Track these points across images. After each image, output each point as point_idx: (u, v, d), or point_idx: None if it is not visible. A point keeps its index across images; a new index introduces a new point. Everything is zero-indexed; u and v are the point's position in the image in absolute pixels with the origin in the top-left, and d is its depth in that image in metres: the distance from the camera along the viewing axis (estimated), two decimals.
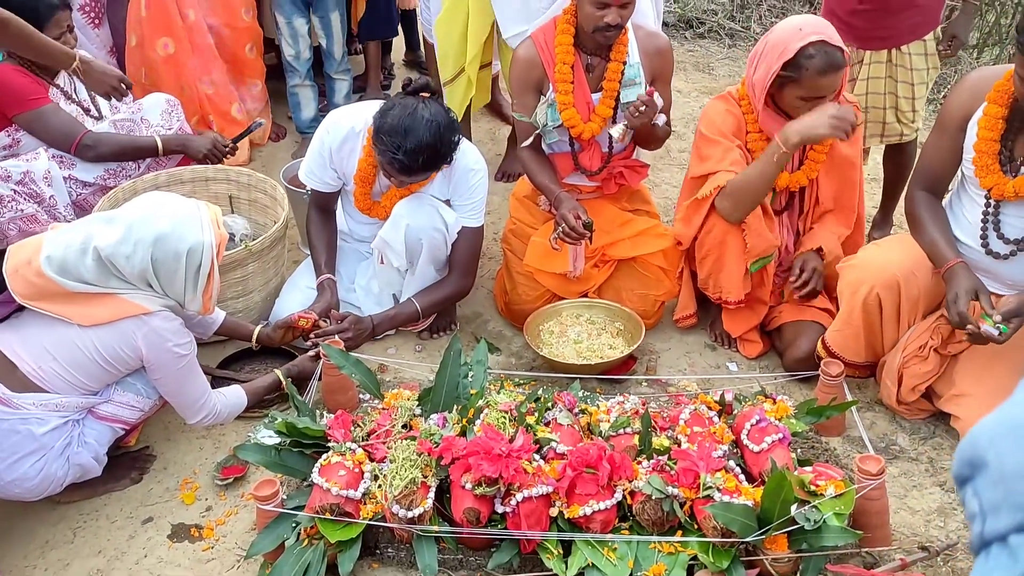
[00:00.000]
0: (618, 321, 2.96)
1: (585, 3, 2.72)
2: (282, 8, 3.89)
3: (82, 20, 3.74)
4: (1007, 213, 2.41)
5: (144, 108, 3.28)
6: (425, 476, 2.15)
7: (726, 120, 2.80)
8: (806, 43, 2.52)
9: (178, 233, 2.19)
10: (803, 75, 2.55)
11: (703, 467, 2.09)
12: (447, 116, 2.61)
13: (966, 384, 2.47)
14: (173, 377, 2.29)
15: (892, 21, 3.05)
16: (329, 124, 2.85)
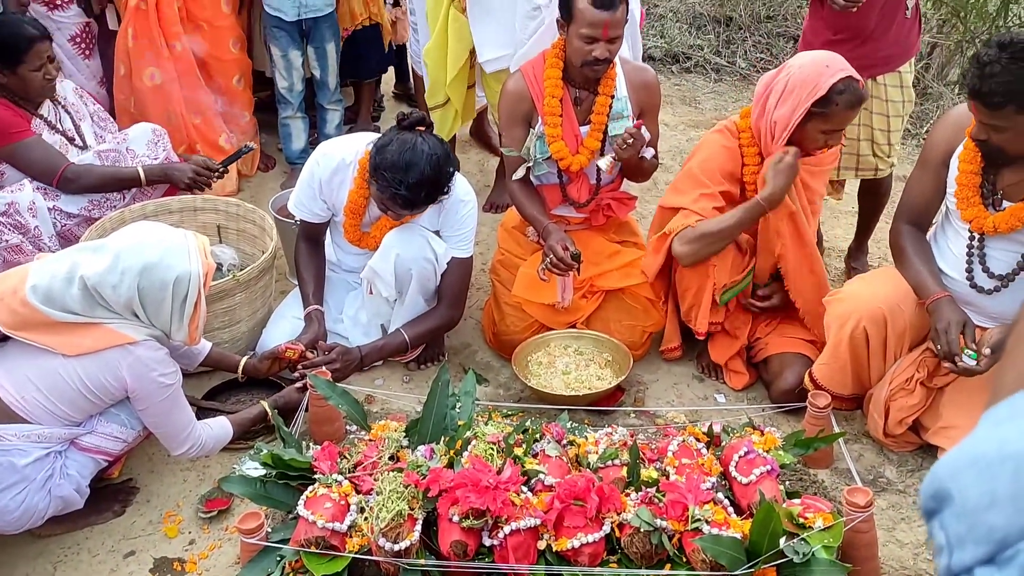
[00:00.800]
0: (606, 352, 2.96)
1: (574, 38, 2.76)
2: (278, 41, 3.91)
3: (73, 51, 3.75)
4: (992, 247, 2.44)
5: (130, 138, 3.28)
6: (412, 508, 2.13)
7: (720, 156, 2.80)
8: (836, 80, 2.56)
9: (165, 263, 2.18)
10: (832, 110, 2.57)
11: (691, 499, 2.08)
12: (444, 148, 2.63)
13: (952, 416, 2.48)
14: (158, 408, 2.27)
15: (866, 51, 3.07)
16: (319, 155, 2.86)
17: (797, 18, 5.94)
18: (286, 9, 3.82)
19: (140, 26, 3.71)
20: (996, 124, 2.20)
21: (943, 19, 5.49)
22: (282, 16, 3.83)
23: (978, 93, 2.18)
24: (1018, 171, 2.36)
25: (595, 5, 2.68)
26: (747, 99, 5.29)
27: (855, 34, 3.09)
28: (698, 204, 2.77)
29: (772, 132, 2.68)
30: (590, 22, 2.70)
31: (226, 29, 3.90)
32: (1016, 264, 2.40)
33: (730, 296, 2.83)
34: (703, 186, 2.79)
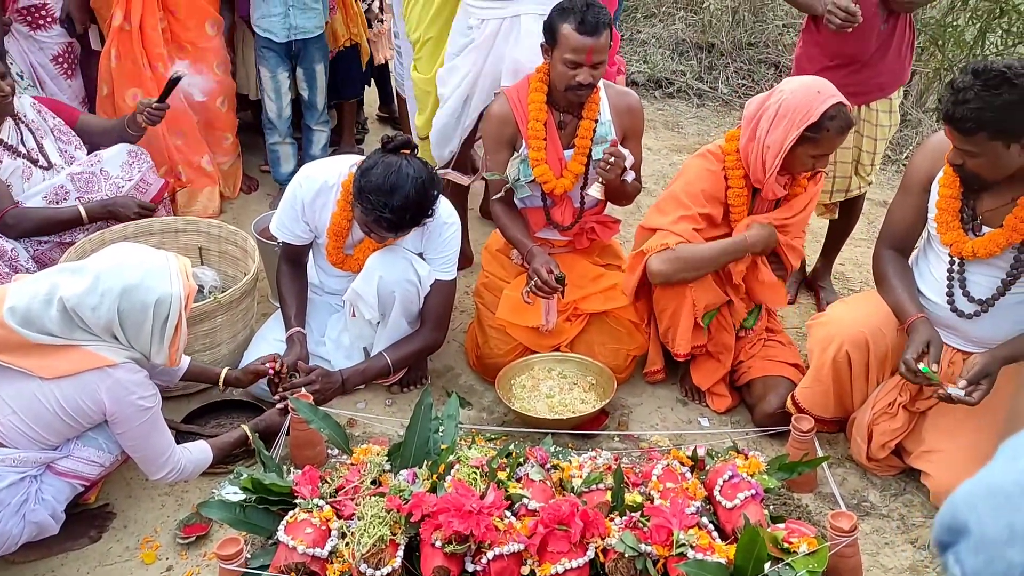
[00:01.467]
0: (590, 375, 2.96)
1: (557, 63, 2.77)
2: (267, 61, 3.91)
3: (55, 71, 3.74)
4: (972, 272, 2.45)
5: (104, 159, 3.24)
6: (394, 534, 2.11)
7: (704, 179, 2.82)
8: (828, 106, 2.58)
9: (146, 284, 2.16)
10: (823, 136, 2.61)
11: (676, 524, 2.07)
12: (428, 172, 2.62)
13: (935, 440, 2.49)
14: (137, 431, 2.23)
15: (862, 78, 3.13)
16: (302, 178, 2.85)
17: (778, 45, 6.02)
18: (276, 31, 3.82)
19: (124, 47, 3.70)
20: (969, 150, 2.23)
21: (922, 47, 5.57)
22: (272, 37, 3.84)
23: (951, 119, 2.20)
24: (997, 197, 2.38)
25: (579, 31, 2.70)
26: (729, 124, 5.34)
27: (852, 60, 3.13)
28: (677, 225, 2.78)
29: (763, 156, 2.70)
30: (574, 47, 2.72)
31: (210, 51, 3.89)
32: (996, 289, 2.42)
33: (712, 317, 2.84)
34: (684, 208, 2.81)
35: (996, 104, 2.13)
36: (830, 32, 3.06)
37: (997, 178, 2.29)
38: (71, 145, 3.29)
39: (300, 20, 3.83)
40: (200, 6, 3.81)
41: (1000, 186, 2.36)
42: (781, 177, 2.80)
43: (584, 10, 2.70)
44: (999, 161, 2.23)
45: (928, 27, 5.21)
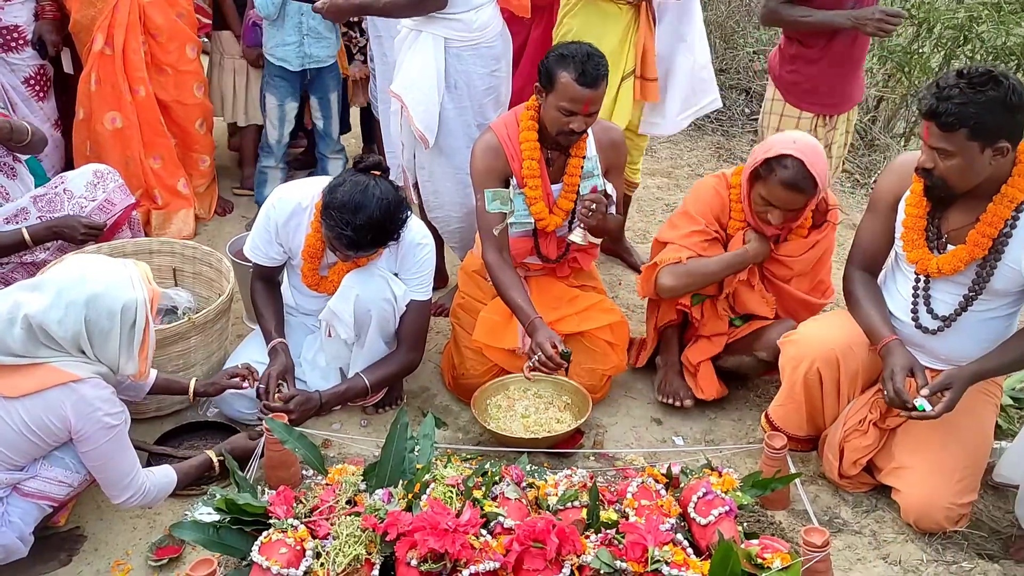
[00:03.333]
0: (565, 395, 2.97)
1: (552, 108, 2.78)
2: (277, 90, 3.93)
3: (27, 93, 3.72)
4: (937, 290, 2.50)
5: (68, 179, 3.22)
6: (369, 553, 2.10)
7: (711, 198, 2.95)
8: (788, 153, 2.67)
9: (111, 292, 2.15)
10: (770, 178, 2.71)
11: (651, 540, 2.08)
12: (397, 194, 2.63)
13: (905, 457, 2.52)
14: (102, 450, 2.20)
15: (858, 80, 3.40)
16: (275, 199, 2.85)
17: (748, 71, 6.11)
18: (291, 59, 3.85)
19: (104, 71, 3.70)
20: (946, 148, 2.26)
21: (888, 73, 5.70)
22: (286, 66, 3.86)
23: (934, 113, 2.23)
24: (961, 216, 2.43)
25: (579, 82, 2.71)
26: (702, 148, 5.42)
27: (854, 66, 3.37)
28: (689, 240, 2.90)
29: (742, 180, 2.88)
30: (572, 97, 2.73)
31: (189, 74, 3.91)
32: (959, 304, 2.47)
33: (700, 300, 2.95)
34: (695, 223, 2.92)
35: (980, 101, 2.18)
36: (840, 47, 3.27)
37: (964, 187, 2.33)
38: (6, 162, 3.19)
39: (314, 49, 3.85)
40: (180, 29, 3.84)
41: (964, 204, 2.42)
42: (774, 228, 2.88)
43: (585, 61, 2.71)
44: (971, 165, 2.27)
45: (894, 54, 5.33)
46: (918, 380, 2.37)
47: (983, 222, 2.37)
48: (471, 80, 3.17)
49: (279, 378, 2.76)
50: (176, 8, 3.82)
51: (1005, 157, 2.28)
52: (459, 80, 3.15)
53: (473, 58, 3.14)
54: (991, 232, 2.37)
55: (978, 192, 2.38)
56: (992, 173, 2.32)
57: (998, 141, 2.23)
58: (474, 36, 3.11)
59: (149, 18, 3.74)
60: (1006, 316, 2.52)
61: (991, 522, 2.56)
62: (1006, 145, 2.25)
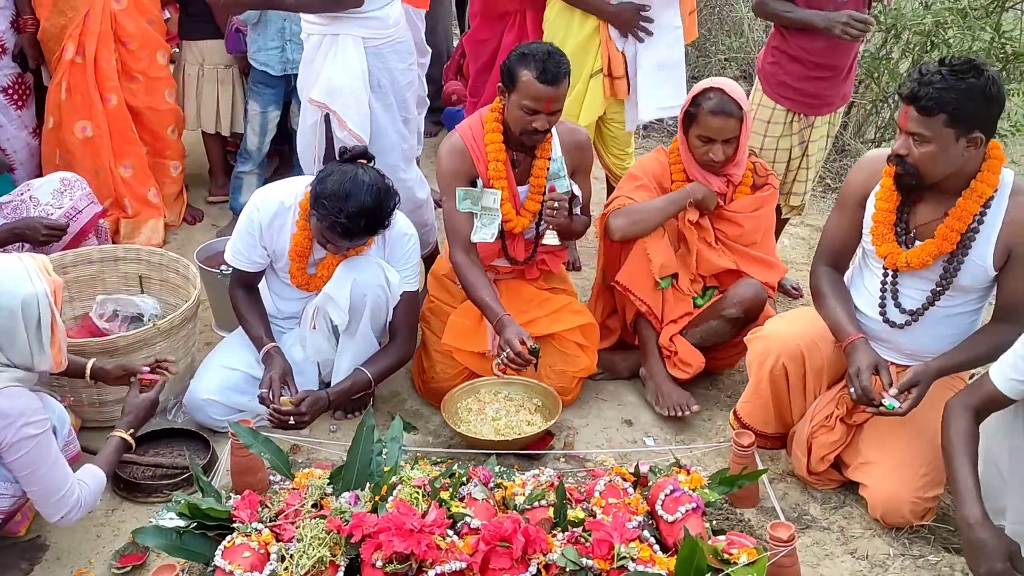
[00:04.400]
0: (536, 398, 2.96)
1: (515, 107, 2.80)
2: (260, 97, 3.92)
3: (4, 101, 3.68)
4: (904, 285, 2.52)
5: (34, 187, 3.20)
6: (334, 555, 2.09)
7: (652, 165, 3.10)
8: (708, 87, 2.91)
9: (7, 289, 2.09)
10: (699, 113, 2.89)
11: (617, 537, 2.08)
12: (385, 182, 2.64)
13: (871, 453, 2.53)
14: (27, 459, 2.09)
15: (838, 87, 3.42)
16: (258, 201, 2.82)
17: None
18: (273, 64, 3.84)
19: (75, 80, 3.67)
20: (922, 133, 2.28)
21: (858, 79, 5.76)
22: (269, 71, 3.86)
23: (914, 97, 2.27)
24: (930, 211, 2.45)
25: (539, 80, 2.73)
26: None
27: (832, 72, 3.38)
28: (635, 193, 3.03)
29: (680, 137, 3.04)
30: (533, 95, 2.76)
31: (160, 80, 3.89)
32: (926, 299, 2.49)
33: (669, 282, 3.00)
34: (637, 179, 3.07)
35: (960, 88, 2.22)
36: (817, 47, 3.29)
37: (935, 176, 2.35)
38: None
39: (297, 54, 3.80)
40: (151, 36, 3.82)
41: (932, 200, 2.44)
42: (715, 177, 3.01)
43: (545, 59, 2.74)
44: (944, 154, 2.29)
45: (864, 60, 5.39)
46: (883, 379, 2.38)
47: (952, 216, 2.40)
48: (394, 77, 3.17)
49: (281, 381, 2.73)
50: (147, 15, 3.81)
51: (977, 149, 2.31)
52: (382, 79, 3.14)
53: (392, 54, 3.14)
54: (959, 227, 2.39)
55: (946, 188, 2.41)
56: (962, 167, 2.35)
57: (973, 131, 2.27)
58: (391, 32, 3.12)
59: (120, 26, 3.71)
60: (971, 312, 2.54)
61: None
62: (980, 136, 2.28)
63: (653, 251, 2.94)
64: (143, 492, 2.57)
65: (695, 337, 3.03)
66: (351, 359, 2.86)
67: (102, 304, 3.04)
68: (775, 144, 3.44)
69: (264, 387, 2.71)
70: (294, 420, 2.66)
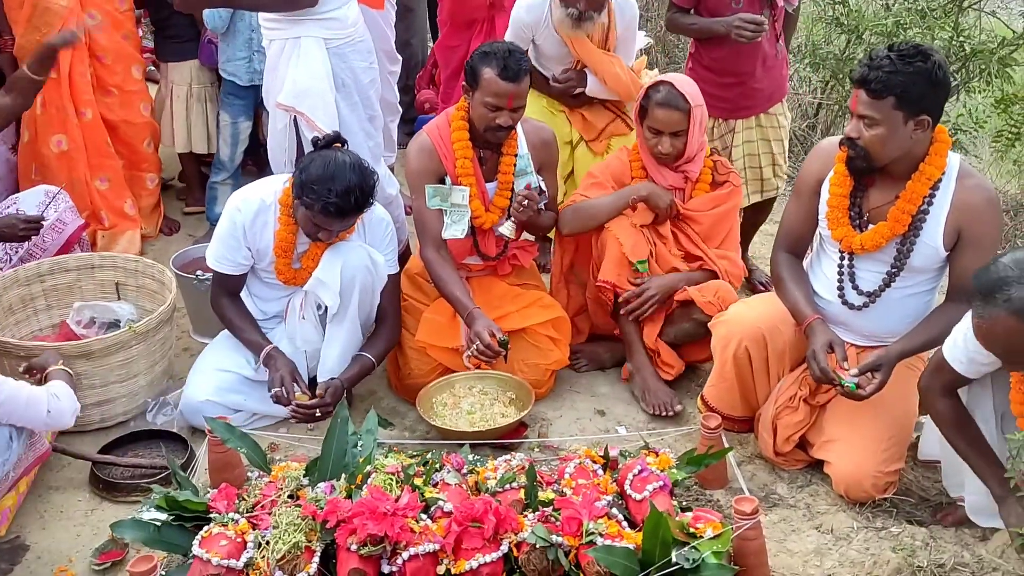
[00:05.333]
0: (510, 391, 3.02)
1: (478, 104, 2.89)
2: (231, 108, 3.98)
3: None
4: (860, 268, 2.61)
5: (20, 200, 3.25)
6: (310, 541, 2.12)
7: (613, 163, 3.20)
8: (659, 80, 3.02)
9: None
10: (650, 106, 2.98)
11: (586, 515, 2.13)
12: (363, 161, 2.73)
13: (834, 430, 2.60)
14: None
15: (751, 91, 3.47)
16: (237, 203, 2.85)
17: None
18: (240, 74, 3.91)
19: (50, 95, 3.70)
20: (872, 116, 2.37)
21: (824, 81, 5.88)
22: (237, 81, 3.92)
23: (864, 80, 2.36)
24: (881, 195, 2.54)
25: (501, 77, 2.83)
26: None
27: (739, 78, 3.45)
28: (589, 191, 3.15)
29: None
30: (495, 92, 2.84)
31: (136, 93, 3.94)
32: (882, 281, 2.57)
33: (644, 266, 3.06)
34: (594, 178, 3.18)
35: (908, 71, 2.32)
36: (721, 54, 3.36)
37: (884, 158, 2.43)
38: None
39: (263, 65, 3.88)
40: (126, 51, 3.87)
41: (883, 184, 2.53)
42: (672, 172, 3.08)
43: (506, 56, 2.84)
44: (893, 135, 2.38)
45: (826, 61, 5.51)
46: (837, 354, 2.46)
47: (902, 199, 2.48)
48: (356, 76, 3.23)
49: (292, 379, 2.80)
50: (121, 30, 3.86)
51: (924, 132, 2.40)
52: (346, 78, 3.19)
53: (353, 54, 3.20)
54: (910, 208, 2.48)
55: (896, 172, 2.49)
56: (910, 150, 2.44)
57: (920, 114, 2.36)
58: (350, 32, 3.17)
59: (95, 40, 3.76)
60: (925, 292, 2.63)
61: (920, 491, 2.64)
62: (927, 119, 2.38)
63: (622, 235, 3.01)
64: (122, 492, 2.61)
65: (669, 336, 3.10)
66: (340, 347, 2.90)
67: (79, 311, 3.07)
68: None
69: (275, 386, 2.78)
70: (320, 412, 2.76)
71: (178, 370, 3.19)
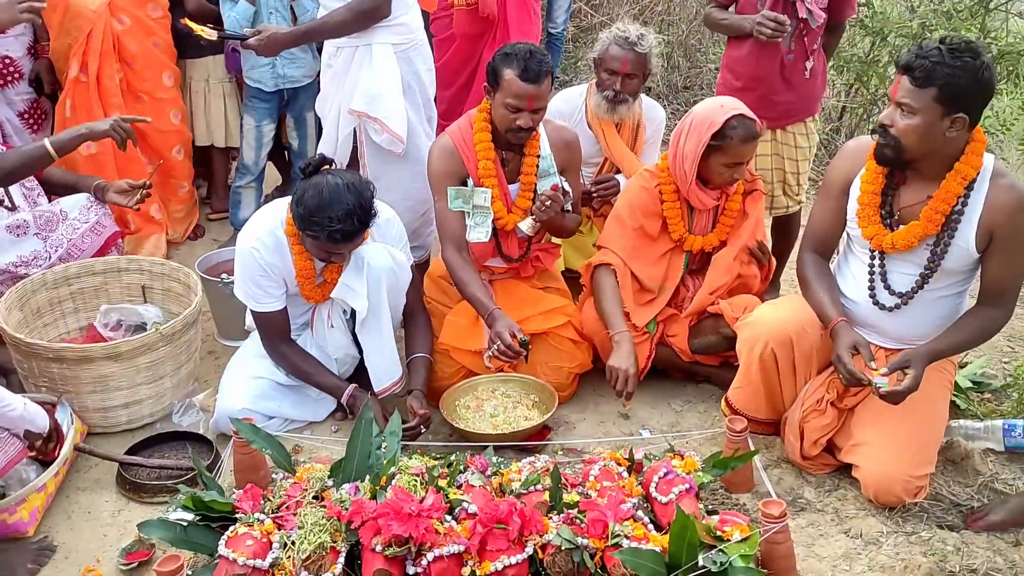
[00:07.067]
0: (533, 394, 3.01)
1: (499, 105, 2.89)
2: (255, 111, 4.00)
3: (20, 125, 3.78)
4: (892, 269, 2.57)
5: (63, 203, 3.28)
6: (335, 541, 2.12)
7: (638, 196, 3.07)
8: (730, 116, 2.84)
9: None
10: (728, 143, 2.84)
11: (611, 517, 2.12)
12: (354, 175, 2.70)
13: (863, 434, 2.57)
14: None
15: (770, 104, 3.36)
16: (251, 243, 2.79)
17: (712, 87, 6.24)
18: (265, 80, 3.93)
19: (79, 98, 3.76)
20: (911, 104, 2.34)
21: (848, 84, 5.84)
22: (262, 87, 3.94)
23: (909, 67, 2.33)
24: (914, 194, 2.50)
25: (521, 78, 2.83)
26: None
27: (758, 86, 3.37)
28: (618, 243, 3.05)
29: (683, 167, 2.93)
30: (516, 93, 2.84)
31: (167, 101, 3.97)
32: (915, 283, 2.53)
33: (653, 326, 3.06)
34: (621, 225, 3.07)
35: (955, 65, 2.29)
36: (742, 55, 3.32)
37: (915, 152, 2.40)
38: (34, 191, 3.34)
39: (288, 70, 3.92)
40: (156, 57, 3.91)
41: (916, 184, 2.50)
42: (711, 192, 3.01)
43: (527, 58, 2.83)
44: (928, 129, 2.35)
45: (850, 63, 5.47)
46: (863, 355, 2.43)
47: (936, 199, 2.45)
48: (420, 79, 3.28)
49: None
50: (152, 37, 3.90)
51: (960, 132, 2.36)
52: (411, 81, 3.25)
53: (418, 57, 3.26)
54: (944, 209, 2.44)
55: (929, 171, 2.46)
56: (942, 148, 2.40)
57: (959, 111, 2.32)
58: (416, 37, 3.23)
59: (124, 46, 3.81)
60: (956, 295, 2.59)
61: (951, 496, 2.60)
62: (964, 118, 2.33)
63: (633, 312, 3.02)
64: (149, 492, 2.62)
65: (694, 347, 3.08)
66: (387, 352, 2.88)
67: (106, 314, 3.10)
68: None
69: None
70: (423, 428, 2.82)
71: (203, 373, 3.22)
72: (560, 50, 6.09)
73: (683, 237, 3.07)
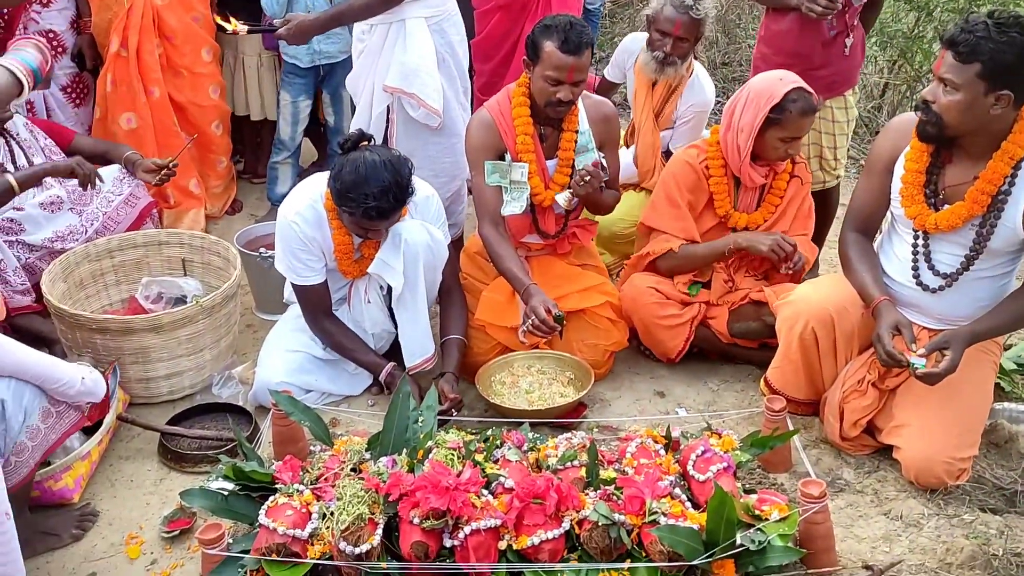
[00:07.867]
0: (568, 371, 3.01)
1: (539, 79, 2.86)
2: (291, 87, 4.02)
3: (63, 99, 3.84)
4: (937, 249, 2.52)
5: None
6: (373, 513, 2.14)
7: (682, 171, 3.05)
8: (790, 89, 2.82)
9: None
10: (787, 117, 2.83)
11: (649, 494, 2.11)
12: (392, 153, 2.69)
13: (904, 415, 2.53)
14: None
15: (809, 79, 3.22)
16: (291, 217, 2.80)
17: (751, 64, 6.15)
18: (301, 56, 3.94)
19: (120, 73, 3.80)
20: (954, 80, 2.28)
21: (891, 60, 5.72)
22: (297, 63, 3.96)
23: (953, 42, 2.28)
24: (959, 173, 2.45)
25: (562, 50, 2.79)
26: None
27: (800, 59, 3.29)
28: (675, 225, 3.05)
29: (737, 141, 2.91)
30: (556, 65, 2.81)
31: (206, 76, 4.00)
32: (960, 264, 2.48)
33: (697, 289, 3.09)
34: (674, 206, 3.05)
35: (1001, 40, 2.23)
36: (782, 29, 3.27)
37: (958, 129, 2.35)
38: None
39: (324, 46, 3.93)
40: (196, 32, 3.93)
41: (962, 163, 2.44)
42: (760, 167, 2.98)
43: (567, 29, 2.80)
44: (971, 105, 2.29)
45: (894, 39, 5.36)
46: (905, 336, 2.39)
47: (982, 179, 2.39)
48: (454, 51, 3.26)
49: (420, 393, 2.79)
50: (192, 12, 3.92)
51: (1005, 109, 2.29)
52: (445, 54, 3.23)
53: (451, 28, 3.24)
54: (990, 189, 2.39)
55: (974, 150, 2.40)
56: (988, 126, 2.34)
57: (1003, 88, 2.26)
58: (447, 7, 3.21)
59: (163, 21, 3.83)
60: (1002, 275, 2.54)
61: (994, 479, 2.56)
62: (1009, 95, 2.27)
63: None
64: (189, 462, 2.66)
65: (734, 332, 3.05)
66: (421, 329, 2.90)
67: (147, 286, 3.15)
68: None
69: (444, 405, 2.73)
70: (454, 412, 2.79)
71: (242, 346, 3.25)
72: (597, 26, 6.02)
73: (728, 213, 3.04)
